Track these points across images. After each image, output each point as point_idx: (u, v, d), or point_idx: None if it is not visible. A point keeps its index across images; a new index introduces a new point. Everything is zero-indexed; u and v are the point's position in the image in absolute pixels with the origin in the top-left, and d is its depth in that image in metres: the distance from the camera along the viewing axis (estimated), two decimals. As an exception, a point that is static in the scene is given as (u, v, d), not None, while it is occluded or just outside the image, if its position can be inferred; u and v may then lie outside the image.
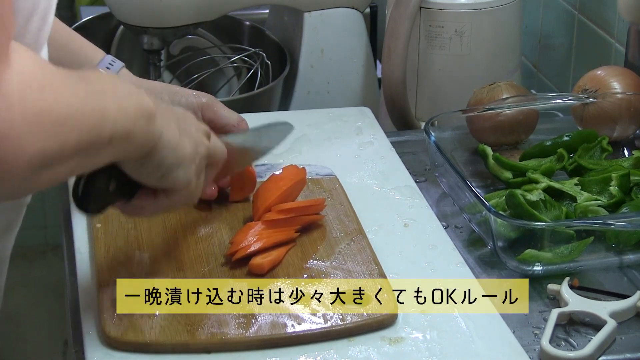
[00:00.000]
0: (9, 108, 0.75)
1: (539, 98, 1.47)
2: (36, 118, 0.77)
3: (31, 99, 0.77)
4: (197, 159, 1.01)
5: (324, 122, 1.46)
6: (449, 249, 1.19)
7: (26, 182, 0.79)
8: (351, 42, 1.73)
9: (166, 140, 0.95)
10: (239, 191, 1.23)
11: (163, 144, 0.95)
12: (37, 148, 0.78)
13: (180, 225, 1.18)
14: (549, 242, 1.16)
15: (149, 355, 1.00)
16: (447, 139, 1.40)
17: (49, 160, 0.80)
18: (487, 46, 1.63)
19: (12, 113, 0.76)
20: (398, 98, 1.60)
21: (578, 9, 1.73)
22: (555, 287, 1.13)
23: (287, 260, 1.12)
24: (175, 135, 0.97)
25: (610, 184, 1.27)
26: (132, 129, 0.90)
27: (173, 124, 0.97)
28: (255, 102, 1.64)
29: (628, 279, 1.18)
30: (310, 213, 1.18)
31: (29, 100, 0.77)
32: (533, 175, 1.30)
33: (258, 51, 1.77)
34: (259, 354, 1.01)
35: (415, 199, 1.28)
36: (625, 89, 1.42)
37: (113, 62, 1.22)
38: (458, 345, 1.03)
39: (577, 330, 1.08)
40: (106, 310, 1.04)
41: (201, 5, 1.61)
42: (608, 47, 1.64)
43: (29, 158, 0.78)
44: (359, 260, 1.13)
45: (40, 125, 0.78)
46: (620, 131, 1.42)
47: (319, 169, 1.30)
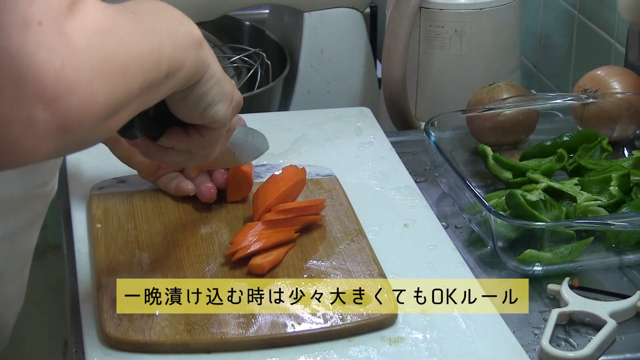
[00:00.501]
0: (76, 56, 0.73)
1: (539, 98, 1.47)
2: (103, 65, 0.75)
3: (97, 46, 0.75)
4: (234, 100, 1.00)
5: (324, 122, 1.46)
6: (449, 249, 1.19)
7: (95, 131, 0.77)
8: (351, 42, 1.73)
9: (212, 72, 0.94)
10: (235, 192, 1.23)
11: (209, 75, 0.94)
12: (106, 95, 0.76)
13: (180, 225, 1.18)
14: (549, 242, 1.16)
15: (149, 355, 1.00)
16: (447, 139, 1.40)
17: (117, 107, 0.78)
18: (487, 46, 1.63)
19: (80, 61, 0.74)
20: (398, 98, 1.60)
21: (578, 9, 1.73)
22: (555, 287, 1.13)
23: (287, 261, 1.12)
24: (219, 69, 0.96)
25: (610, 184, 1.27)
26: (185, 60, 0.88)
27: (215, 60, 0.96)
28: (255, 102, 1.64)
29: (628, 279, 1.18)
30: (310, 213, 1.18)
31: (95, 47, 0.75)
32: (533, 175, 1.30)
33: (258, 51, 1.77)
34: (259, 354, 1.01)
35: (415, 199, 1.28)
36: (625, 89, 1.42)
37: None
38: (458, 345, 1.03)
39: (577, 330, 1.08)
40: (106, 310, 1.04)
41: (201, 5, 1.61)
42: (608, 47, 1.64)
43: (99, 107, 0.76)
44: (359, 260, 1.13)
45: (107, 72, 0.76)
46: (620, 131, 1.42)
47: (319, 170, 1.30)
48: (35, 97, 0.72)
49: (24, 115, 0.72)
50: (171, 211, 1.21)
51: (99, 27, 0.76)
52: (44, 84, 0.72)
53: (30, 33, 0.72)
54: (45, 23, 0.72)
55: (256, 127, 1.24)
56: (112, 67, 0.77)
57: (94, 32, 0.75)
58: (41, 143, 0.73)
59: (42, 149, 0.74)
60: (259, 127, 1.25)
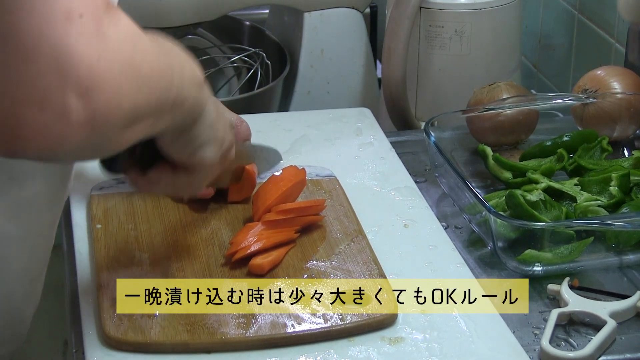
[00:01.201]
0: (110, 54, 0.76)
1: (539, 98, 1.47)
2: (130, 70, 0.78)
3: (127, 52, 0.78)
4: (225, 143, 1.02)
5: (324, 122, 1.46)
6: (448, 250, 1.19)
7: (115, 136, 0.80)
8: (351, 42, 1.73)
9: (207, 115, 0.96)
10: (237, 191, 1.23)
11: (203, 118, 0.96)
12: (131, 101, 0.79)
13: (180, 225, 1.18)
14: (549, 242, 1.16)
15: (149, 355, 1.00)
16: (447, 139, 1.40)
17: (136, 116, 0.80)
18: (487, 46, 1.63)
19: (113, 60, 0.76)
20: (398, 98, 1.60)
21: (578, 9, 1.73)
22: (555, 287, 1.13)
23: (287, 261, 1.13)
24: (213, 113, 0.98)
25: (610, 184, 1.27)
26: (188, 95, 0.91)
27: (211, 102, 0.98)
28: (255, 102, 1.64)
29: (628, 279, 1.18)
30: (310, 214, 1.18)
31: (126, 52, 0.78)
32: (533, 175, 1.30)
33: (258, 51, 1.77)
34: (259, 354, 1.01)
35: (415, 200, 1.28)
36: (625, 89, 1.42)
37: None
38: (458, 345, 1.03)
39: (577, 331, 1.08)
40: (106, 310, 1.04)
41: (201, 5, 1.61)
42: (608, 47, 1.64)
43: (123, 111, 0.78)
44: (359, 260, 1.13)
45: (133, 78, 0.79)
46: (620, 131, 1.42)
47: (319, 170, 1.30)
48: (72, 86, 0.74)
49: (59, 102, 0.74)
50: (171, 211, 1.21)
51: (130, 34, 0.80)
52: (80, 74, 0.74)
53: (73, 24, 0.75)
54: (85, 17, 0.75)
55: (256, 127, 1.25)
56: (137, 76, 0.79)
57: (126, 38, 0.79)
58: (70, 132, 0.75)
59: (69, 138, 0.76)
60: (259, 127, 1.26)
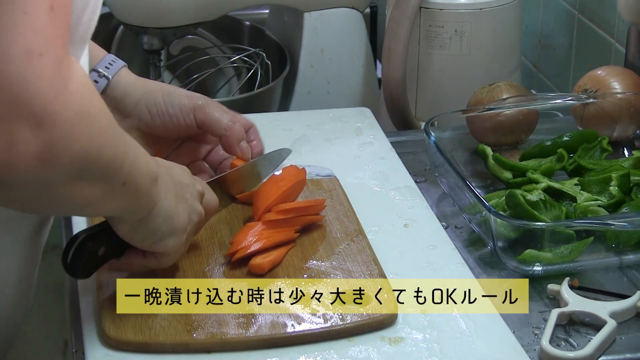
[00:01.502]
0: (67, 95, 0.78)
1: (539, 98, 1.47)
2: (84, 118, 0.80)
3: (85, 100, 0.80)
4: (189, 227, 1.04)
5: (324, 122, 1.46)
6: (449, 249, 1.19)
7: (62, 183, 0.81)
8: (351, 42, 1.73)
9: (163, 209, 0.98)
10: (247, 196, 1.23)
11: (159, 212, 0.98)
12: (82, 146, 0.80)
13: (180, 225, 1.18)
14: (549, 242, 1.16)
15: (149, 355, 1.00)
16: (447, 139, 1.40)
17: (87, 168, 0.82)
18: (487, 46, 1.63)
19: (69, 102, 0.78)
20: (398, 98, 1.60)
21: (578, 9, 1.73)
22: (555, 287, 1.13)
23: (287, 261, 1.12)
24: (172, 205, 1.00)
25: (610, 184, 1.27)
26: (140, 184, 0.92)
27: (171, 193, 1.00)
28: (255, 102, 1.64)
29: (628, 279, 1.18)
30: (310, 213, 1.18)
31: (83, 100, 0.80)
32: (533, 175, 1.30)
33: (258, 51, 1.77)
34: (259, 354, 1.01)
35: (415, 200, 1.28)
36: (625, 89, 1.42)
37: (113, 61, 1.21)
38: (458, 345, 1.03)
39: (577, 330, 1.08)
40: (106, 310, 1.04)
41: (201, 5, 1.61)
42: (608, 47, 1.64)
43: (72, 153, 0.79)
44: (359, 260, 1.13)
45: (86, 126, 0.80)
46: (620, 131, 1.42)
47: (319, 170, 1.30)
48: (24, 118, 0.77)
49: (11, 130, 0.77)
50: (171, 211, 1.20)
51: (88, 85, 0.82)
52: (34, 109, 0.77)
53: (32, 62, 0.77)
54: (46, 56, 0.77)
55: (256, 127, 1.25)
56: (91, 125, 0.81)
57: (84, 86, 0.81)
58: (18, 162, 0.77)
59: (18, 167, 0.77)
60: (259, 127, 1.26)
